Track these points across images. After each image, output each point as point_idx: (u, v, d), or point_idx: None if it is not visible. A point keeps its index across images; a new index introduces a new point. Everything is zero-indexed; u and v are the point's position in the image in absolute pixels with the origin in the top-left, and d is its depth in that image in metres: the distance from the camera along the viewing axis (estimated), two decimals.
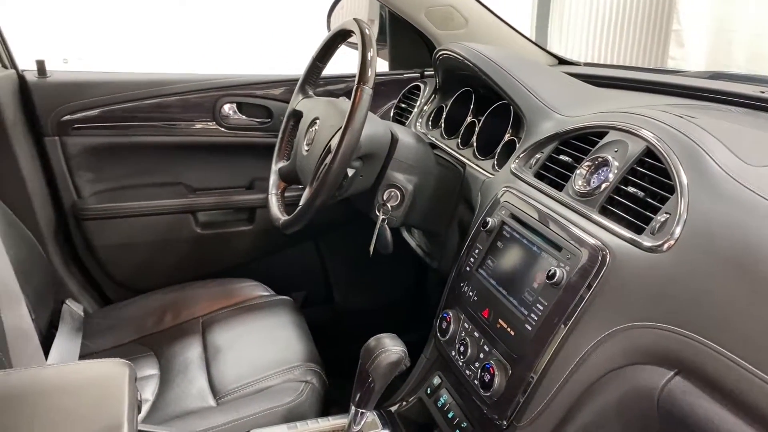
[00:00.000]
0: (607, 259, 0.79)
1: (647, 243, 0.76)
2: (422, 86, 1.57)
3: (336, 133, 1.12)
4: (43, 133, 1.48)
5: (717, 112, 1.04)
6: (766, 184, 0.70)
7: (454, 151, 1.31)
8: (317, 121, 1.24)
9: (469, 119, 1.33)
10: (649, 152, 0.85)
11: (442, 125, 1.41)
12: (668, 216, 0.76)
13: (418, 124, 1.51)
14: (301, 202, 1.15)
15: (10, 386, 0.82)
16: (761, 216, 0.67)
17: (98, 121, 1.51)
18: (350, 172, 1.15)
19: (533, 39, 1.67)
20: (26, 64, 1.50)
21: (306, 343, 1.32)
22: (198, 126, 1.59)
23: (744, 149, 0.79)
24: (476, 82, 1.32)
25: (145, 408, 1.18)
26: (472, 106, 1.34)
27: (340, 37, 1.27)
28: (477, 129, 1.28)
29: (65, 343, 1.31)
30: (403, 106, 1.61)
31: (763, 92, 1.11)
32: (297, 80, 1.39)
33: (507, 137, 1.18)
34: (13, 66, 1.47)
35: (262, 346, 1.30)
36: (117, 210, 1.56)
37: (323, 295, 1.83)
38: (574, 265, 0.82)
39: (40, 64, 1.47)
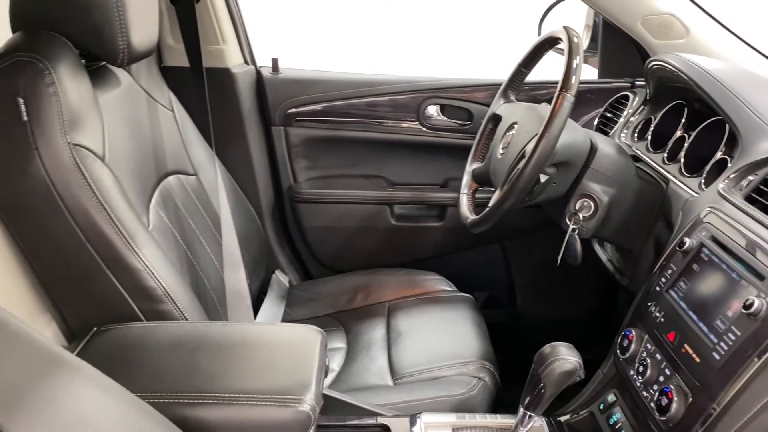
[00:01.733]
0: None
1: None
2: (631, 96, 1.52)
3: (532, 138, 1.14)
4: (271, 123, 1.68)
5: None
6: None
7: (659, 165, 1.26)
8: (515, 125, 1.26)
9: (678, 133, 1.26)
10: None
11: (649, 138, 1.35)
12: None
13: (622, 135, 1.46)
14: (490, 204, 1.19)
15: (225, 335, 0.97)
16: None
17: (318, 115, 1.68)
18: (543, 178, 1.16)
19: None
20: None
21: (483, 342, 1.35)
22: (403, 125, 1.69)
23: None
24: (690, 95, 1.25)
25: (330, 377, 1.30)
26: (683, 120, 1.27)
27: (548, 44, 1.28)
28: (686, 144, 1.21)
29: (271, 307, 1.49)
30: (608, 115, 1.57)
31: None
32: (499, 85, 1.42)
33: (719, 155, 1.11)
34: (253, 63, 1.69)
35: (440, 337, 1.37)
36: (325, 196, 1.72)
37: (506, 299, 1.84)
38: None
39: (275, 62, 1.67)
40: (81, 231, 0.99)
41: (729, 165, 1.04)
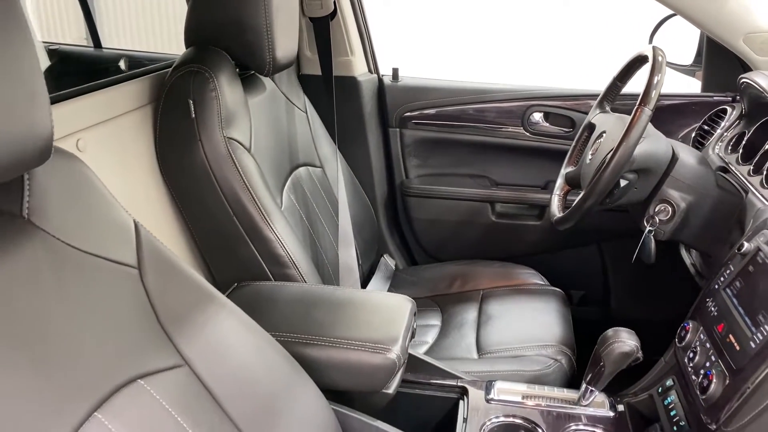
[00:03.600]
0: None
1: None
2: (729, 110, 1.57)
3: (615, 146, 1.26)
4: (389, 125, 1.90)
5: None
6: None
7: (744, 177, 1.32)
8: (604, 134, 1.38)
9: (766, 147, 1.32)
10: None
11: (740, 151, 1.42)
12: None
13: (717, 146, 1.52)
14: (575, 202, 1.32)
15: (336, 296, 1.20)
16: None
17: (430, 118, 1.88)
18: (623, 182, 1.28)
19: None
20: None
21: (565, 330, 1.48)
22: (508, 130, 1.85)
23: None
24: None
25: (424, 348, 1.49)
26: None
27: (638, 62, 1.39)
28: None
29: (377, 285, 1.71)
30: (706, 128, 1.63)
31: None
32: (599, 95, 1.54)
33: None
34: (376, 71, 1.92)
35: (526, 323, 1.51)
36: (433, 191, 1.92)
37: (600, 298, 1.94)
38: None
39: (395, 71, 1.89)
40: (229, 205, 1.26)
41: None
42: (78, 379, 0.65)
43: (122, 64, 2.09)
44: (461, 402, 1.20)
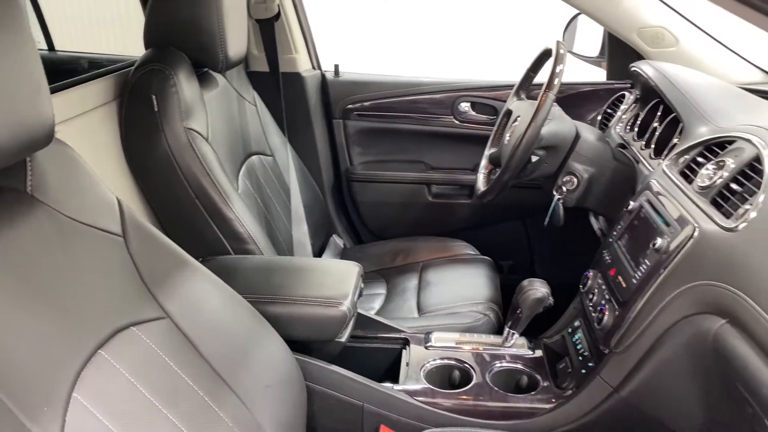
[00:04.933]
0: (695, 233, 1.03)
1: (728, 224, 0.99)
2: (627, 95, 1.81)
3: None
4: (333, 117, 2.07)
5: None
6: None
7: (638, 151, 1.56)
8: (519, 118, 1.59)
9: (653, 125, 1.56)
10: (758, 158, 1.05)
11: (636, 129, 1.66)
12: (750, 207, 0.98)
13: (618, 127, 1.76)
14: (494, 178, 1.53)
15: (293, 263, 1.37)
16: None
17: (370, 110, 2.06)
18: (534, 158, 1.49)
19: None
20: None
21: (493, 291, 1.69)
22: (439, 119, 2.05)
23: None
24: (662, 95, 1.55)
25: (371, 312, 1.67)
26: (659, 114, 1.57)
27: (546, 55, 1.60)
28: (657, 134, 1.51)
29: None
30: (609, 111, 1.87)
31: None
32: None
33: (674, 141, 1.41)
34: (319, 68, 2.09)
35: (460, 286, 1.71)
36: (375, 176, 2.10)
37: (526, 266, 2.17)
38: (673, 237, 1.07)
39: (336, 68, 2.07)
40: (192, 189, 1.41)
41: (675, 148, 1.34)
42: (84, 323, 0.80)
43: (79, 66, 2.19)
44: (404, 351, 1.39)
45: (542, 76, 1.72)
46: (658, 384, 1.08)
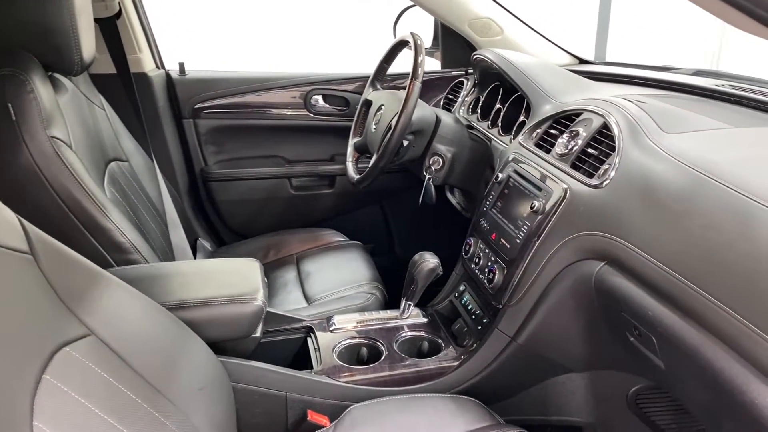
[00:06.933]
0: (567, 193, 1.21)
1: (593, 182, 1.17)
2: (465, 81, 2.01)
3: (395, 115, 1.58)
4: (182, 117, 2.01)
5: (668, 98, 1.43)
6: (670, 143, 1.10)
7: (486, 130, 1.75)
8: (383, 107, 1.70)
9: (497, 106, 1.76)
10: (605, 125, 1.26)
11: (479, 111, 1.85)
12: (609, 166, 1.17)
13: (461, 110, 1.95)
14: (370, 165, 1.62)
15: (191, 267, 1.34)
16: (661, 161, 1.07)
17: (222, 108, 2.03)
18: (405, 143, 1.60)
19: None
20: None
21: (372, 271, 1.78)
22: (293, 112, 2.09)
23: (667, 122, 1.19)
24: (503, 78, 1.75)
25: None
26: (499, 97, 1.77)
27: (401, 45, 1.73)
28: (502, 113, 1.70)
29: None
30: (450, 97, 2.05)
31: (721, 85, 1.48)
32: (367, 77, 1.85)
33: (521, 119, 1.61)
34: (162, 67, 2.00)
35: (340, 271, 1.78)
36: (233, 175, 2.08)
37: (387, 247, 2.29)
38: (547, 199, 1.24)
39: (181, 66, 2.00)
40: (63, 202, 1.30)
41: (526, 124, 1.54)
42: (21, 349, 0.75)
43: None
44: (309, 339, 1.43)
45: (395, 67, 1.85)
46: (549, 327, 1.25)
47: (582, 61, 2.06)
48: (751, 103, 1.31)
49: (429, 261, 1.39)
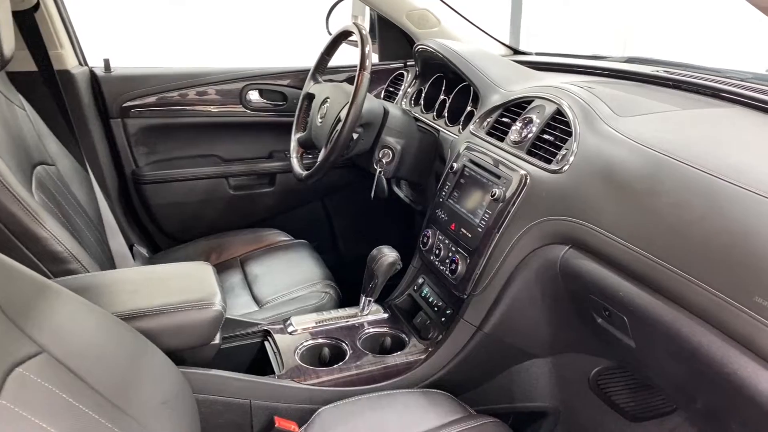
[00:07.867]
0: (527, 180, 1.21)
1: (553, 168, 1.18)
2: (405, 73, 1.99)
3: (344, 107, 1.54)
4: (110, 116, 1.88)
5: (612, 84, 1.46)
6: (625, 126, 1.12)
7: (431, 121, 1.74)
8: (328, 100, 1.65)
9: (441, 97, 1.75)
10: (559, 111, 1.27)
11: (422, 103, 1.83)
12: (567, 151, 1.18)
13: (403, 102, 1.93)
14: (319, 159, 1.57)
15: (139, 274, 1.25)
16: (617, 144, 1.09)
17: (152, 106, 1.92)
18: (354, 136, 1.57)
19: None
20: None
21: (322, 269, 1.73)
22: (228, 109, 2.00)
23: (618, 106, 1.21)
24: (446, 69, 1.74)
25: None
26: (443, 88, 1.76)
27: (343, 36, 1.69)
28: (447, 104, 1.70)
29: None
30: (390, 89, 2.03)
31: (657, 71, 1.53)
32: (305, 71, 1.80)
33: (469, 108, 1.61)
34: (86, 64, 1.87)
35: (290, 271, 1.72)
36: (167, 176, 1.97)
37: (330, 244, 2.25)
38: (507, 186, 1.24)
39: (106, 62, 1.87)
40: None
41: (475, 114, 1.54)
42: None
43: None
44: (266, 343, 1.37)
45: (336, 59, 1.81)
46: (515, 314, 1.25)
47: (517, 52, 2.09)
48: (690, 87, 1.36)
49: (388, 255, 1.36)
